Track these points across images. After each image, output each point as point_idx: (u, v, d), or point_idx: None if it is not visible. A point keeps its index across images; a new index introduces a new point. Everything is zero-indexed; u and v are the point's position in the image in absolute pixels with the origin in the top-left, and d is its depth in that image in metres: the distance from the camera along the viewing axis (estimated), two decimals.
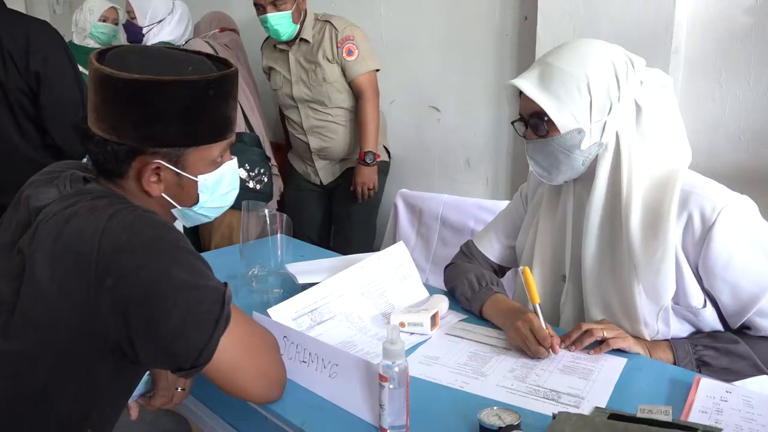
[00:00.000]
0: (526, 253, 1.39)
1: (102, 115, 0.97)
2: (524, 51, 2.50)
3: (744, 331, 1.20)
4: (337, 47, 2.50)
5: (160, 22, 2.93)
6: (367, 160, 2.54)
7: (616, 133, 1.19)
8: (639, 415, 0.94)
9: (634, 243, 1.18)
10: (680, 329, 1.22)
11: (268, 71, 2.72)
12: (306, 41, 2.54)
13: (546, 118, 1.19)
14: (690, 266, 1.17)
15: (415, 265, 1.47)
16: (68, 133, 1.98)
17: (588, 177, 1.25)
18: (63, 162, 1.12)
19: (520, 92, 1.23)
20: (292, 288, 1.45)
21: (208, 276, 0.95)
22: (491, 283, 1.40)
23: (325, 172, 2.71)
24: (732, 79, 2.07)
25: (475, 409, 1.00)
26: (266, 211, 1.46)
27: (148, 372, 1.11)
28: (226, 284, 0.97)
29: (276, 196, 2.76)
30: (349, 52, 2.50)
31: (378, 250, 2.28)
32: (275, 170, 2.79)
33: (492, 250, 1.51)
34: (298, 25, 2.50)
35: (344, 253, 1.69)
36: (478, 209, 2.10)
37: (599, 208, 1.22)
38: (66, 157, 1.98)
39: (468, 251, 1.54)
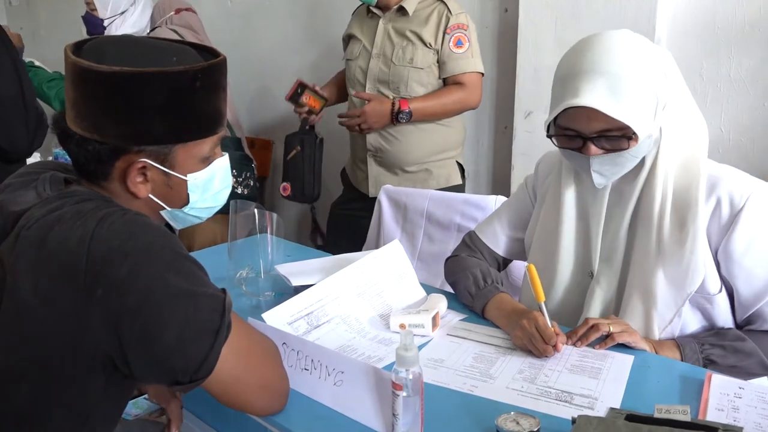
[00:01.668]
0: (546, 247, 1.34)
1: (81, 113, 0.90)
2: (505, 43, 2.48)
3: (749, 328, 1.19)
4: (445, 33, 2.10)
5: (122, 13, 2.80)
6: (400, 115, 2.09)
7: (660, 128, 1.16)
8: (656, 415, 0.91)
9: (662, 231, 1.17)
10: (691, 318, 1.20)
11: (347, 39, 2.34)
12: (404, 12, 2.15)
13: (632, 134, 1.11)
14: (711, 251, 1.16)
15: (410, 264, 1.43)
16: (8, 128, 1.85)
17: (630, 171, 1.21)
18: (40, 162, 1.04)
19: (566, 108, 1.12)
20: (283, 290, 1.39)
21: (205, 282, 0.90)
22: (496, 281, 1.37)
23: (376, 183, 2.25)
24: (713, 71, 2.08)
25: (488, 414, 0.97)
26: (255, 210, 1.40)
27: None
28: (224, 291, 0.91)
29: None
30: (458, 43, 2.09)
31: (361, 249, 2.23)
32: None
33: (496, 241, 1.47)
34: None
35: None
36: (464, 204, 2.06)
37: (659, 200, 1.18)
38: (8, 157, 1.86)
39: (471, 243, 1.50)
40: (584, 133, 1.14)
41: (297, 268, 1.44)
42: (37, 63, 2.83)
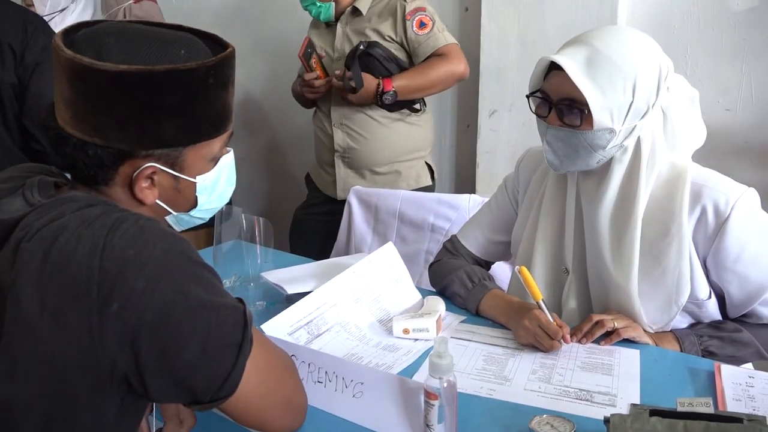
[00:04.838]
0: (526, 246, 1.34)
1: (80, 114, 0.81)
2: (466, 42, 2.47)
3: (742, 319, 1.22)
4: (405, 20, 2.05)
5: (62, 11, 2.62)
6: (384, 96, 2.01)
7: (638, 137, 1.15)
8: (679, 408, 0.91)
9: (645, 240, 1.16)
10: (680, 321, 1.22)
11: None
12: (359, 13, 2.13)
13: (586, 111, 1.11)
14: (699, 259, 1.16)
15: (405, 267, 1.39)
16: None
17: (596, 171, 1.21)
18: (25, 165, 0.93)
19: (549, 68, 1.15)
20: (275, 299, 1.33)
21: (223, 292, 0.83)
22: (483, 278, 1.36)
23: (344, 185, 2.20)
24: None
25: (515, 418, 0.95)
26: (242, 215, 1.32)
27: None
28: (241, 301, 0.84)
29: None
30: (421, 25, 2.04)
31: (329, 253, 2.18)
32: None
33: (477, 245, 1.47)
34: (332, 3, 2.12)
35: None
36: (438, 204, 2.04)
37: (610, 205, 1.19)
38: (47, 161, 1.72)
39: (452, 248, 1.49)
40: (551, 98, 1.15)
41: (286, 275, 1.38)
42: None
